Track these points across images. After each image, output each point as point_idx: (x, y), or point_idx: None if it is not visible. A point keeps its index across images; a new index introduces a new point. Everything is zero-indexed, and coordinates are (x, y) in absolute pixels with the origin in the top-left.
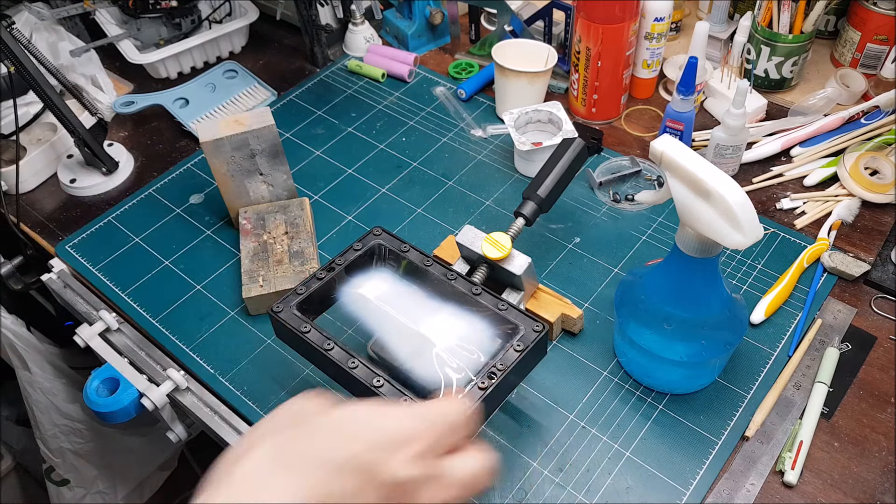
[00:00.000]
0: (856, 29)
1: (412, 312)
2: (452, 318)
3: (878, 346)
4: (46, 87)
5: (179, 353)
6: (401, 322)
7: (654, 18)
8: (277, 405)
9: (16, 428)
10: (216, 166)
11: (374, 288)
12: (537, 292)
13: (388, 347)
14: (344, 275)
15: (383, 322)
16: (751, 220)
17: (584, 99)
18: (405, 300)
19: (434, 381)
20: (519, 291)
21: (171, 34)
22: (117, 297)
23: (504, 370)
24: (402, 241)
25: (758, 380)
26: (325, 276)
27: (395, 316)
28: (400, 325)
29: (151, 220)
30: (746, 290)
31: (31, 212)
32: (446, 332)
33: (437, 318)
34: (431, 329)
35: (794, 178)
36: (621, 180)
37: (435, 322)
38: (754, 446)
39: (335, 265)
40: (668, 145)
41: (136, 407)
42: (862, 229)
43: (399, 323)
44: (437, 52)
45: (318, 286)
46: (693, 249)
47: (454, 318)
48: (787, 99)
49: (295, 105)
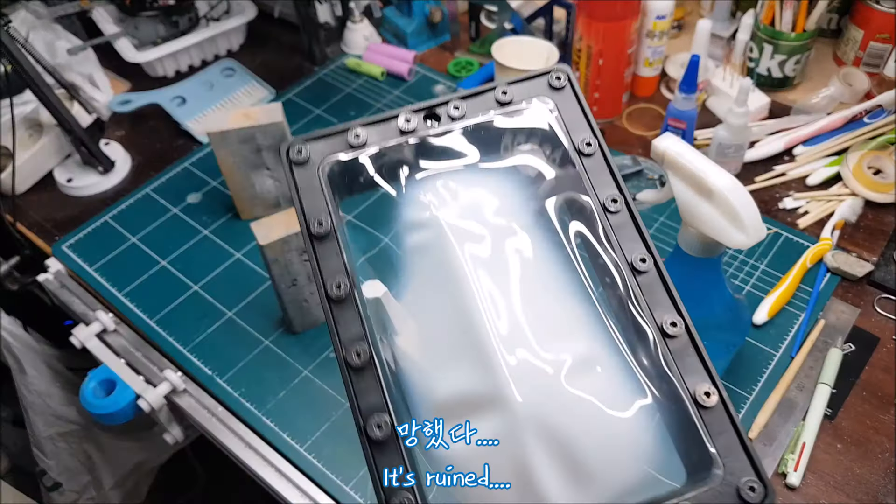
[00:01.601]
0: (858, 27)
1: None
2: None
3: (882, 346)
4: (43, 86)
5: (176, 354)
6: (477, 323)
7: (655, 16)
8: (276, 406)
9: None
10: (222, 157)
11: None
12: None
13: (419, 357)
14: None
15: (439, 299)
16: (754, 220)
17: (585, 97)
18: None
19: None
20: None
21: (169, 32)
22: (114, 297)
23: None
24: (593, 128)
25: (760, 381)
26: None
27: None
28: (472, 328)
29: (148, 220)
30: (749, 291)
31: (27, 211)
32: (555, 393)
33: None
34: (529, 370)
35: (797, 177)
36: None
37: (543, 358)
38: (757, 448)
39: (443, 113)
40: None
41: (132, 409)
42: (865, 229)
43: (473, 323)
44: (436, 50)
45: (389, 147)
46: (695, 249)
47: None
48: (789, 98)
49: (293, 103)
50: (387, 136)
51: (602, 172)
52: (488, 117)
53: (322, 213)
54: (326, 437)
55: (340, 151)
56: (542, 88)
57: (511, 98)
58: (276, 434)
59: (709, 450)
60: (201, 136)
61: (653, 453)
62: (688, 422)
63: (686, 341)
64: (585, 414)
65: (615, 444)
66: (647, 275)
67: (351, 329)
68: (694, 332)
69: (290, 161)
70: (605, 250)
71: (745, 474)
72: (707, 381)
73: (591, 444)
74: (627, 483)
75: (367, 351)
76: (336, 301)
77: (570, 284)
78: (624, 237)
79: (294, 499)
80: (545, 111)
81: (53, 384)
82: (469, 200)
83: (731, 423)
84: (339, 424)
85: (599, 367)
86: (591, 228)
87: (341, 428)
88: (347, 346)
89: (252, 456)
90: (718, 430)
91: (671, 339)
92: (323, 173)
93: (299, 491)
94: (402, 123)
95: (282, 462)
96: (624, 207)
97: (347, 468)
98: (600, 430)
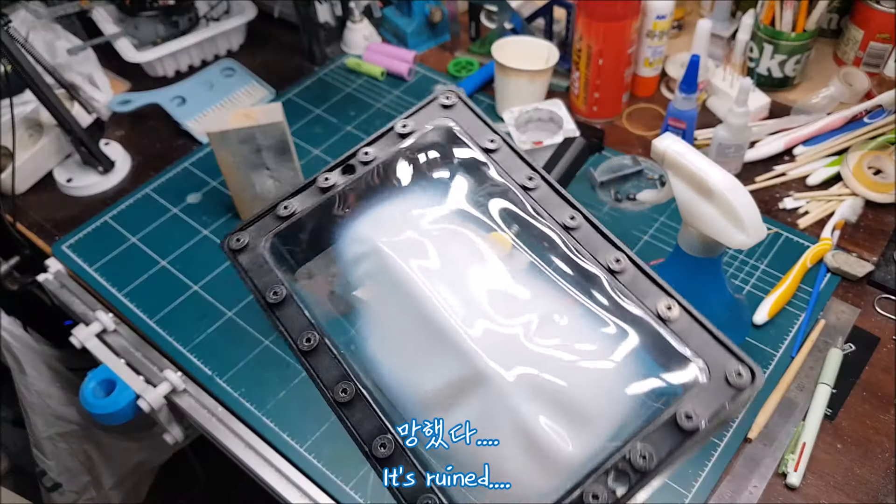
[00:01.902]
0: (859, 27)
1: (467, 299)
2: (550, 328)
3: (882, 346)
4: (43, 86)
5: (176, 354)
6: (437, 316)
7: (655, 16)
8: (276, 406)
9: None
10: (222, 157)
11: (402, 236)
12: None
13: (400, 367)
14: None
15: (399, 313)
16: (754, 220)
17: (585, 97)
18: (457, 272)
19: (498, 465)
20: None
21: (169, 32)
22: (114, 297)
23: (657, 465)
24: (491, 128)
25: None
26: (331, 186)
27: (430, 303)
28: (434, 321)
29: (148, 220)
30: (749, 291)
31: (27, 211)
32: (528, 355)
33: (518, 322)
34: (499, 343)
35: (797, 177)
36: (623, 179)
37: (508, 328)
38: (757, 448)
39: (356, 162)
40: (671, 144)
41: (132, 409)
42: (865, 229)
43: (433, 317)
44: (436, 50)
45: (316, 207)
46: (696, 249)
47: (553, 325)
48: (789, 97)
49: (293, 103)
50: (313, 198)
51: (513, 160)
52: (395, 150)
53: (275, 283)
54: (326, 437)
55: (274, 226)
56: (436, 111)
57: (412, 129)
58: (276, 434)
59: (687, 356)
60: (201, 136)
61: (638, 379)
62: (660, 339)
63: (634, 271)
64: (563, 363)
65: (599, 382)
66: (580, 229)
67: (332, 372)
68: (638, 261)
69: (231, 251)
70: (538, 221)
71: (728, 364)
72: (664, 296)
73: (577, 388)
74: (623, 412)
75: (353, 387)
76: (309, 353)
77: (514, 261)
78: (550, 205)
79: (294, 499)
80: (445, 128)
81: (53, 384)
82: (401, 218)
83: (698, 325)
84: (338, 425)
85: (564, 319)
86: (520, 208)
87: (341, 428)
88: (332, 387)
89: (252, 456)
90: (689, 336)
91: (620, 274)
92: (266, 250)
93: (299, 491)
94: (322, 183)
95: (282, 462)
96: (541, 182)
97: (347, 468)
98: (581, 373)
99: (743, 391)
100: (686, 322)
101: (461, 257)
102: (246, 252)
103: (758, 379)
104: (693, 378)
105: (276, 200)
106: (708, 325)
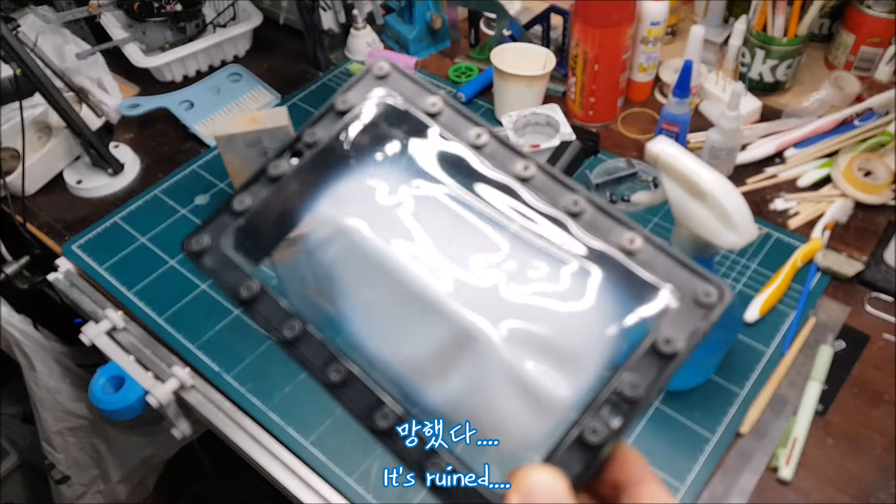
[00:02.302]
0: (850, 32)
1: (440, 261)
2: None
3: (872, 344)
4: (52, 89)
5: (184, 351)
6: (415, 283)
7: (650, 23)
8: (281, 401)
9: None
10: (229, 160)
11: (366, 210)
12: None
13: (386, 340)
14: (316, 173)
15: (376, 286)
16: (745, 221)
17: (581, 102)
18: (430, 232)
19: (495, 418)
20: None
21: (176, 38)
22: (123, 296)
23: (646, 392)
24: (430, 91)
25: (752, 377)
26: (282, 173)
27: (406, 271)
28: (412, 289)
29: (157, 221)
30: (741, 290)
31: (37, 212)
32: (508, 307)
33: (493, 276)
34: (478, 299)
35: (788, 179)
36: (618, 182)
37: (484, 283)
38: (749, 443)
39: (302, 146)
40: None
41: (141, 404)
42: (856, 229)
43: (411, 285)
44: (437, 56)
45: (269, 197)
46: (688, 250)
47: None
48: (781, 101)
49: (298, 108)
50: (266, 188)
51: (458, 120)
52: (339, 127)
53: (244, 280)
54: (331, 430)
55: (232, 222)
56: (373, 83)
57: (349, 105)
58: (282, 428)
59: (656, 284)
60: (209, 139)
61: (616, 313)
62: (629, 272)
63: (594, 211)
64: (543, 310)
65: (581, 322)
66: (535, 179)
67: (321, 356)
68: (597, 200)
69: (193, 253)
70: (493, 173)
71: (696, 286)
72: (626, 230)
73: (562, 332)
74: (606, 348)
75: (343, 367)
76: (293, 342)
77: (475, 219)
78: (502, 159)
79: (299, 492)
80: (384, 99)
81: (63, 380)
82: (359, 193)
83: (662, 253)
84: (342, 418)
85: (536, 265)
86: (472, 168)
87: (345, 422)
88: (324, 370)
89: (258, 450)
90: (655, 265)
91: (580, 215)
92: (229, 247)
93: (304, 484)
94: (273, 171)
95: (287, 455)
96: (489, 138)
97: (351, 461)
98: (562, 316)
99: (713, 308)
100: (650, 252)
101: (429, 220)
102: (209, 253)
103: (726, 295)
104: (665, 304)
105: (230, 196)
106: (672, 252)
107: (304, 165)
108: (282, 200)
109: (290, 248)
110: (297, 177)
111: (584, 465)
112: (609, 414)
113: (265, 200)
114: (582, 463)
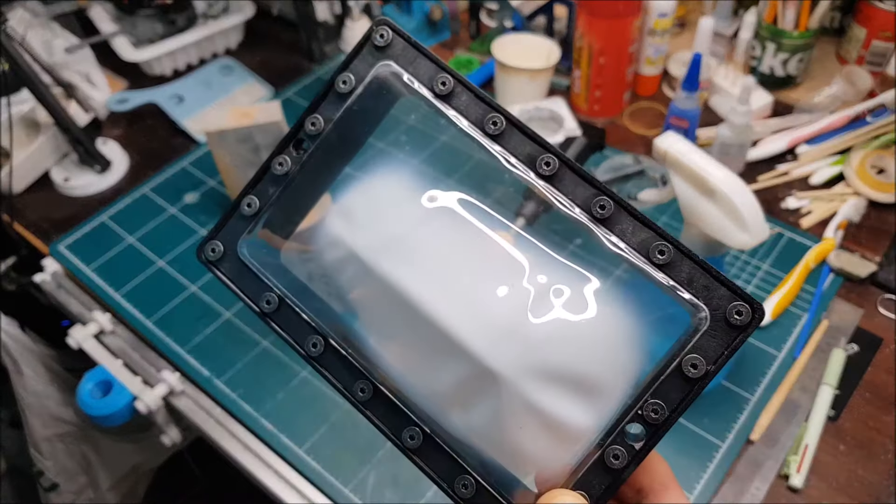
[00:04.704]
0: (861, 26)
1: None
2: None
3: (885, 347)
4: (40, 85)
5: (174, 355)
6: (434, 319)
7: (657, 14)
8: (275, 408)
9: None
10: (220, 156)
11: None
12: None
13: (407, 372)
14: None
15: (394, 321)
16: (757, 220)
17: (586, 96)
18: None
19: (518, 450)
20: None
21: (166, 31)
22: (111, 298)
23: (669, 416)
24: (440, 67)
25: (763, 382)
26: (287, 172)
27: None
28: (431, 326)
29: (146, 220)
30: (752, 291)
31: (24, 211)
32: (530, 340)
33: (513, 304)
34: (499, 335)
35: (800, 176)
36: (624, 179)
37: (505, 314)
38: (759, 450)
39: (304, 136)
40: (673, 143)
41: (130, 410)
42: (869, 229)
43: (430, 322)
44: (436, 48)
45: (279, 197)
46: (698, 249)
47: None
48: (792, 96)
49: (292, 102)
50: (272, 187)
51: (474, 104)
52: (341, 113)
53: (265, 290)
54: (325, 439)
55: (244, 227)
56: (373, 56)
57: (353, 84)
58: (275, 436)
59: (685, 300)
60: (199, 134)
61: (641, 333)
62: (658, 287)
63: (618, 214)
64: (566, 335)
65: (604, 345)
66: (557, 175)
67: (345, 374)
68: (621, 201)
69: (210, 263)
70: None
71: (727, 303)
72: (656, 239)
73: (585, 359)
74: (631, 371)
75: (370, 385)
76: (318, 357)
77: (492, 233)
78: (521, 152)
79: (293, 501)
80: (387, 77)
81: (51, 385)
82: (370, 207)
83: (694, 263)
84: (337, 426)
85: (559, 286)
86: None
87: (340, 430)
88: (350, 387)
89: (250, 458)
90: (683, 277)
91: (600, 219)
92: (244, 254)
93: (298, 493)
94: (277, 170)
95: (280, 464)
96: (505, 123)
97: (346, 470)
98: (584, 340)
99: (744, 331)
100: (679, 263)
101: (445, 240)
102: (225, 260)
103: (759, 315)
104: (693, 323)
105: (237, 199)
106: (705, 265)
107: (309, 159)
108: (291, 200)
109: (305, 264)
110: (304, 172)
111: (606, 486)
112: (632, 437)
113: (274, 202)
114: (604, 484)
